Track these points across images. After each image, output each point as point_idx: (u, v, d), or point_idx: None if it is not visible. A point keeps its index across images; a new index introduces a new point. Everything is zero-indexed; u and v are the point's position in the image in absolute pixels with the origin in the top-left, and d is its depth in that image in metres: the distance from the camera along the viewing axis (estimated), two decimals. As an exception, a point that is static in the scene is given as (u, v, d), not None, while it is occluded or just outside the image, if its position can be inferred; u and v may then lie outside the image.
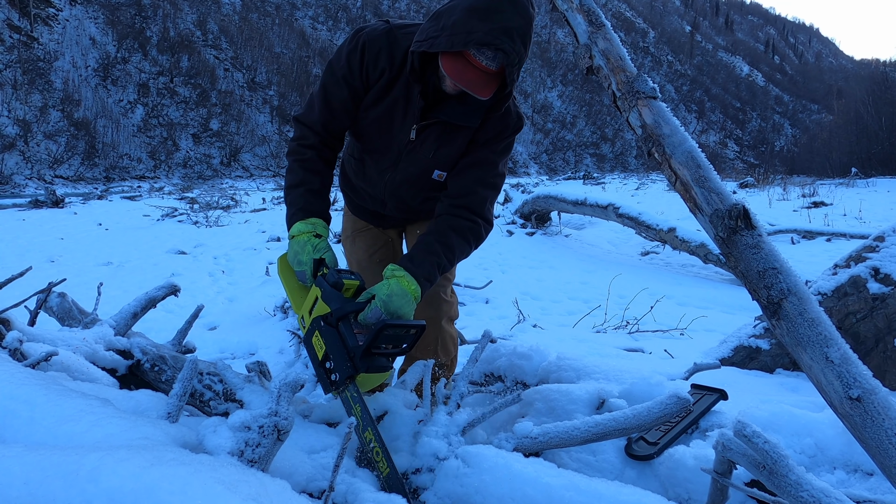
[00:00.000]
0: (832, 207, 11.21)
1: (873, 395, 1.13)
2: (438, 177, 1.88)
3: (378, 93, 1.80)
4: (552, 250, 7.95)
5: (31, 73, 33.59)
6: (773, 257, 1.26)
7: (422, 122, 1.79)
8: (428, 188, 1.94)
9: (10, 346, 1.72)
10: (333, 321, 1.56)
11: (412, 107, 1.78)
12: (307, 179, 1.80)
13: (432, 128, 1.81)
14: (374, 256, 2.17)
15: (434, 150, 1.83)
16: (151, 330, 3.93)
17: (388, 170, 1.92)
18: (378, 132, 1.86)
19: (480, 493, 1.36)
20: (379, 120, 1.84)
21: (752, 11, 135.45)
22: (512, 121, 1.85)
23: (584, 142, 70.45)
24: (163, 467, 0.92)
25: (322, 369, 1.58)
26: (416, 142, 1.82)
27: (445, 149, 1.83)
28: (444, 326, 2.14)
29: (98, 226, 10.92)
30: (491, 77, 1.62)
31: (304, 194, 1.79)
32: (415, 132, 1.80)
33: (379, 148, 1.90)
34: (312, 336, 1.61)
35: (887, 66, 40.58)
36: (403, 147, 1.85)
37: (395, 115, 1.81)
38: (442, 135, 1.82)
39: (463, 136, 1.82)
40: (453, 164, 1.87)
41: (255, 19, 53.17)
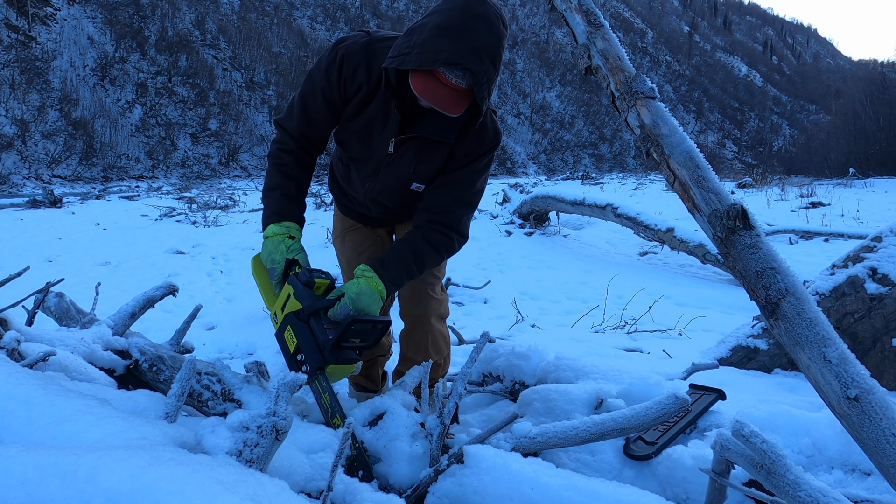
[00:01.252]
0: (830, 208, 11.23)
1: (871, 394, 1.14)
2: (417, 188, 1.91)
3: (357, 106, 1.83)
4: (551, 250, 7.96)
5: (29, 73, 33.53)
6: (771, 257, 1.26)
7: (400, 136, 1.80)
8: (407, 197, 1.96)
9: (8, 346, 1.71)
10: (305, 317, 1.66)
11: (390, 121, 1.80)
12: (283, 184, 1.86)
13: (411, 142, 1.82)
14: (363, 255, 2.18)
15: (414, 164, 1.85)
16: (150, 330, 3.93)
17: (369, 179, 1.94)
18: (359, 143, 1.89)
19: (479, 493, 1.36)
20: (359, 132, 1.86)
21: (750, 12, 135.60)
22: (488, 137, 1.85)
23: (583, 142, 70.48)
24: (161, 467, 0.92)
25: (294, 361, 1.68)
26: (395, 155, 1.84)
27: (424, 164, 1.85)
28: (433, 325, 2.14)
29: (96, 225, 10.90)
30: (461, 94, 1.63)
31: (280, 198, 1.85)
32: (393, 145, 1.82)
33: (361, 157, 1.92)
34: (285, 331, 1.71)
35: (885, 66, 40.68)
36: (383, 159, 1.87)
37: (375, 128, 1.83)
38: (421, 150, 1.83)
39: (441, 151, 1.84)
40: (432, 179, 1.89)
41: (253, 19, 53.13)
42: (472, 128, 1.78)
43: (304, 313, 1.66)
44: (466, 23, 1.55)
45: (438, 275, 2.14)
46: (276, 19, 56.02)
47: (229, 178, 34.58)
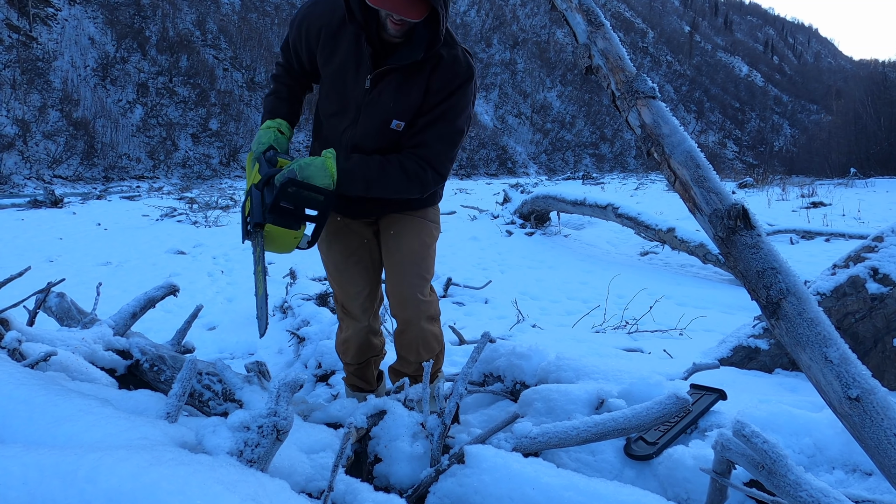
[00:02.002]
0: (831, 207, 11.22)
1: (872, 394, 1.14)
2: (397, 126, 1.92)
3: (325, 50, 1.92)
4: (551, 250, 7.96)
5: (30, 73, 33.55)
6: (772, 257, 1.26)
7: (376, 71, 1.84)
8: (387, 141, 1.95)
9: (9, 346, 1.71)
10: (260, 185, 1.85)
11: (363, 57, 1.85)
12: (278, 90, 2.10)
13: (389, 77, 1.86)
14: (351, 258, 2.16)
15: (393, 99, 1.88)
16: (150, 330, 3.93)
17: (350, 127, 1.96)
18: (336, 91, 1.95)
19: (480, 493, 1.36)
20: (334, 77, 1.94)
21: (751, 12, 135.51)
22: (461, 68, 1.88)
23: (584, 142, 70.45)
24: (162, 467, 0.92)
25: (244, 223, 1.89)
26: (374, 92, 1.88)
27: (403, 98, 1.88)
28: (423, 326, 2.12)
29: (97, 226, 10.91)
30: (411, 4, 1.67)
31: (274, 101, 2.09)
32: (370, 81, 1.86)
33: (339, 108, 1.97)
34: (245, 200, 1.90)
35: (886, 66, 40.62)
36: (361, 99, 1.90)
37: (348, 70, 1.89)
38: (398, 84, 1.86)
39: (418, 83, 1.87)
40: (412, 115, 1.90)
41: (254, 19, 53.15)
42: (437, 46, 1.81)
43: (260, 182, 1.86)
44: None
45: (426, 276, 2.13)
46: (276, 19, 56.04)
47: (230, 179, 34.59)
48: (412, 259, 2.07)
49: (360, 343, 2.28)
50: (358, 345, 2.28)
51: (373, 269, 2.20)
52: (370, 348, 2.32)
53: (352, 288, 2.18)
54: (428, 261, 2.12)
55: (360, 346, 2.28)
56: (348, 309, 2.23)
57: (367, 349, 2.31)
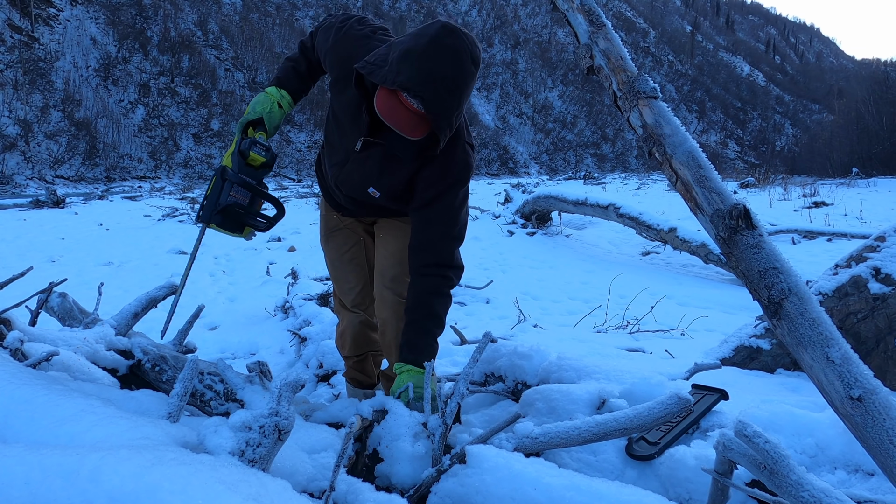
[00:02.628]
0: (833, 207, 11.20)
1: (874, 395, 1.13)
2: (373, 193, 1.94)
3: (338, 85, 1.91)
4: (553, 250, 7.95)
5: (32, 74, 33.60)
6: (773, 257, 1.26)
7: (368, 138, 1.84)
8: (365, 197, 1.98)
9: (12, 346, 1.72)
10: (224, 176, 1.90)
11: (361, 118, 1.84)
12: (299, 60, 2.08)
13: (377, 148, 1.86)
14: (346, 255, 2.24)
15: (376, 171, 1.89)
16: (152, 330, 3.93)
17: (338, 166, 2.00)
18: (335, 125, 1.97)
19: (481, 493, 1.36)
20: (337, 112, 1.94)
21: (752, 11, 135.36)
22: (456, 168, 1.84)
23: (585, 142, 70.41)
24: (163, 467, 0.92)
25: (201, 203, 1.97)
26: (362, 155, 1.89)
27: (386, 176, 1.89)
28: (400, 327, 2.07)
29: (99, 226, 10.93)
30: (421, 119, 1.64)
31: (290, 69, 2.07)
32: (360, 144, 1.87)
33: (335, 143, 1.99)
34: (214, 176, 1.95)
35: (888, 65, 40.57)
36: (351, 153, 1.92)
37: (348, 118, 1.89)
38: (384, 160, 1.86)
39: (404, 170, 1.85)
40: (390, 193, 1.92)
41: (255, 19, 53.19)
42: (432, 152, 1.78)
43: (226, 173, 1.90)
44: (431, 51, 1.56)
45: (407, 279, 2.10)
46: (277, 20, 56.07)
47: (231, 179, 34.64)
48: (393, 263, 2.08)
49: (355, 334, 2.32)
50: (353, 336, 2.32)
51: (368, 267, 2.25)
52: (367, 341, 2.35)
53: (345, 284, 2.27)
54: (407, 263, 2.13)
55: (356, 336, 2.32)
56: (343, 302, 2.32)
57: (363, 342, 2.35)
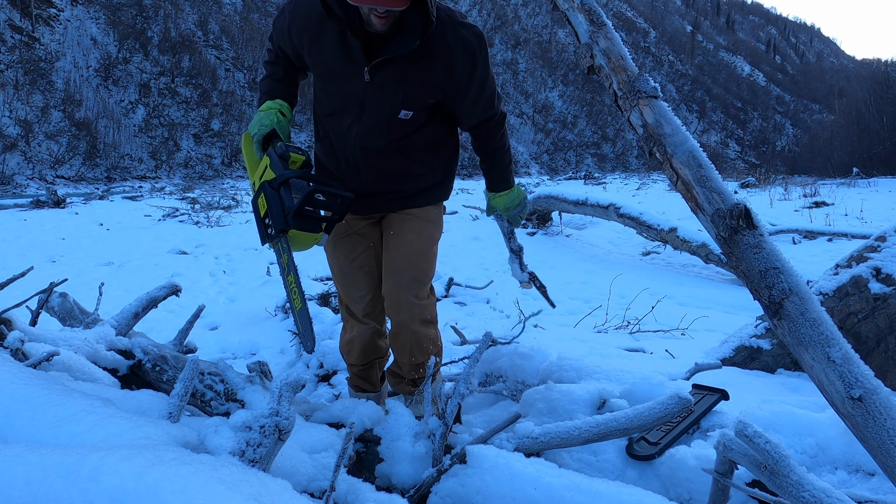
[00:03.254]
0: (833, 207, 11.19)
1: (875, 395, 1.13)
2: (405, 116, 1.89)
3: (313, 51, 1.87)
4: (553, 250, 7.95)
5: (33, 74, 33.61)
6: (774, 257, 1.26)
7: (372, 63, 1.79)
8: (396, 132, 1.93)
9: (12, 346, 1.72)
10: (276, 185, 1.79)
11: (353, 50, 1.79)
12: (273, 72, 2.03)
13: (387, 68, 1.81)
14: (355, 262, 2.15)
15: (398, 90, 1.84)
16: (153, 330, 3.94)
17: (354, 124, 1.92)
18: (332, 87, 1.91)
19: (482, 493, 1.36)
20: (327, 75, 1.90)
21: (753, 11, 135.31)
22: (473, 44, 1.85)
23: (585, 142, 70.40)
24: (164, 467, 0.92)
25: (262, 225, 1.84)
26: (374, 84, 1.84)
27: (407, 86, 1.84)
28: (415, 329, 2.09)
29: (99, 226, 10.93)
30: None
31: (271, 82, 2.02)
32: (368, 74, 1.81)
33: (339, 106, 1.93)
34: (258, 197, 1.85)
35: (889, 65, 40.53)
36: (363, 93, 1.86)
37: (340, 66, 1.84)
38: (400, 74, 1.82)
39: (423, 68, 1.82)
40: (421, 101, 1.88)
41: (255, 19, 53.20)
42: (432, 29, 1.75)
43: (275, 182, 1.79)
44: None
45: (422, 279, 2.08)
46: (278, 20, 56.08)
47: (232, 179, 34.64)
48: (408, 261, 2.03)
49: (365, 345, 2.26)
50: (362, 346, 2.26)
51: (377, 274, 2.17)
52: (375, 350, 2.29)
53: (355, 292, 2.17)
54: (425, 263, 2.08)
55: (365, 347, 2.26)
56: (352, 311, 2.23)
57: (371, 351, 2.28)
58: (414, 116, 1.90)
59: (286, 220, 1.76)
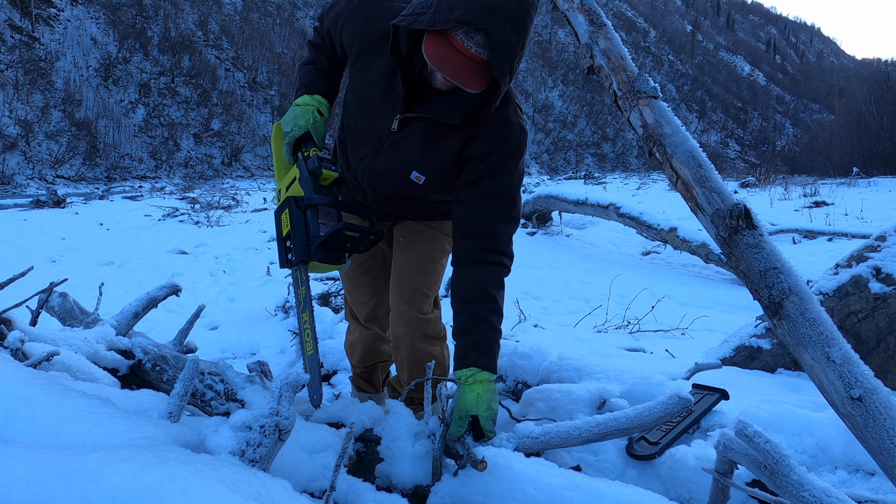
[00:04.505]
0: (834, 207, 11.19)
1: (875, 394, 1.13)
2: (416, 179, 1.72)
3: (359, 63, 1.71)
4: (553, 250, 7.95)
5: (33, 74, 33.61)
6: (774, 257, 1.26)
7: (405, 115, 1.63)
8: (405, 189, 1.78)
9: (12, 346, 1.72)
10: (303, 206, 1.67)
11: (394, 93, 1.63)
12: (318, 59, 1.87)
13: (417, 124, 1.65)
14: (361, 268, 2.07)
15: (419, 150, 1.68)
16: (153, 330, 3.94)
17: (369, 157, 1.77)
18: (360, 110, 1.75)
19: (482, 492, 1.36)
20: (362, 94, 1.73)
21: (753, 11, 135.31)
22: (513, 132, 1.63)
23: (585, 141, 70.40)
24: (164, 467, 0.92)
25: (282, 245, 1.73)
26: (400, 135, 1.68)
27: (430, 153, 1.67)
28: (416, 345, 1.98)
29: (99, 226, 10.93)
30: (480, 67, 1.44)
31: (311, 71, 1.86)
32: (397, 123, 1.66)
33: (362, 129, 1.77)
34: (283, 212, 1.73)
35: (889, 65, 40.56)
36: (386, 137, 1.70)
37: (377, 96, 1.68)
38: (427, 135, 1.65)
39: (451, 142, 1.65)
40: (435, 173, 1.71)
41: (255, 19, 53.19)
42: (485, 114, 1.57)
43: (303, 202, 1.67)
44: None
45: (428, 292, 1.97)
46: (278, 20, 56.07)
47: (232, 179, 34.65)
48: (415, 272, 1.94)
49: (366, 348, 2.23)
50: (364, 349, 2.24)
51: (384, 281, 2.10)
52: (377, 353, 2.27)
53: (359, 297, 2.13)
54: (432, 276, 1.98)
55: (366, 351, 2.24)
56: (355, 314, 2.20)
57: (373, 354, 2.26)
58: (426, 182, 1.73)
59: (309, 251, 1.63)
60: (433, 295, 2.02)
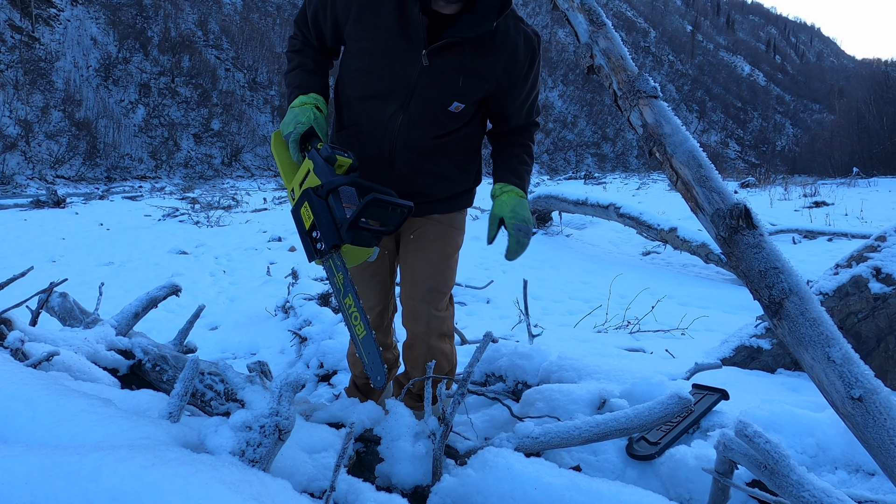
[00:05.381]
0: (833, 207, 11.19)
1: (875, 394, 1.13)
2: (456, 108, 1.74)
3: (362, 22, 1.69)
4: (553, 250, 7.95)
5: (33, 74, 33.62)
6: (774, 257, 1.26)
7: (432, 45, 1.64)
8: (443, 126, 1.78)
9: (12, 346, 1.72)
10: (323, 193, 1.61)
11: (414, 29, 1.63)
12: (303, 62, 1.84)
13: (448, 52, 1.66)
14: (367, 271, 2.00)
15: (458, 77, 1.69)
16: (153, 330, 3.94)
17: (399, 112, 1.74)
18: (379, 67, 1.72)
19: (482, 492, 1.36)
20: (376, 52, 1.70)
21: (753, 11, 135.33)
22: (533, 41, 1.78)
23: (585, 141, 70.40)
24: (164, 467, 0.92)
25: (308, 238, 1.65)
26: (433, 69, 1.67)
27: (466, 75, 1.70)
28: (432, 344, 1.99)
29: (99, 226, 10.93)
30: None
31: (301, 73, 1.82)
32: (427, 57, 1.65)
33: (384, 90, 1.74)
34: (301, 207, 1.66)
35: (889, 65, 40.56)
36: (415, 78, 1.68)
37: (395, 44, 1.67)
38: (460, 60, 1.68)
39: (487, 59, 1.70)
40: (474, 95, 1.75)
41: (256, 19, 53.19)
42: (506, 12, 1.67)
43: (322, 190, 1.60)
44: None
45: (444, 290, 1.96)
46: (278, 20, 56.07)
47: (232, 179, 34.67)
48: (430, 270, 1.91)
49: None
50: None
51: (390, 285, 2.07)
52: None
53: (364, 302, 2.04)
54: (447, 273, 1.96)
55: None
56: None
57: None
58: (464, 110, 1.76)
59: (339, 234, 1.57)
60: (448, 292, 2.01)
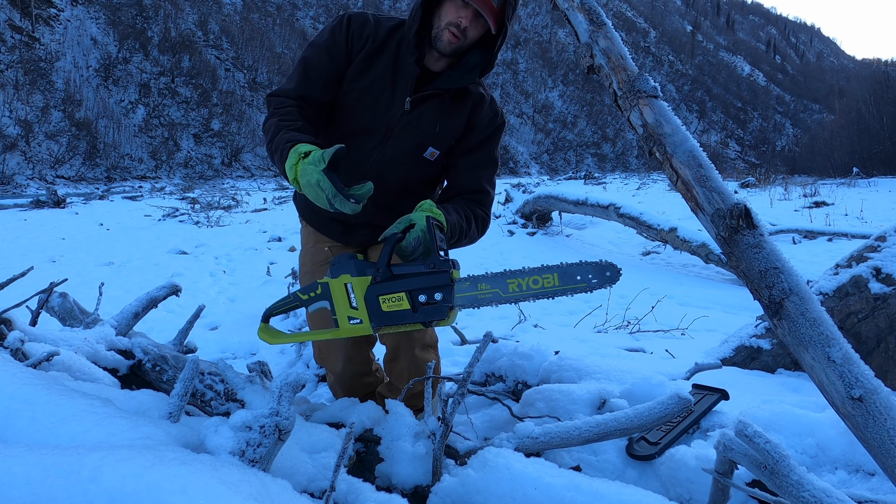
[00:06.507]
0: (834, 207, 11.20)
1: (875, 395, 1.13)
2: (430, 155, 1.87)
3: (362, 63, 1.81)
4: (553, 250, 7.95)
5: (33, 74, 33.62)
6: (774, 257, 1.26)
7: (417, 94, 1.80)
8: (415, 169, 1.88)
9: (12, 346, 1.72)
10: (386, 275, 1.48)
11: (403, 78, 1.79)
12: (283, 124, 1.66)
13: (431, 101, 1.82)
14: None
15: (435, 124, 1.83)
16: (153, 330, 3.94)
17: (375, 149, 1.84)
18: (364, 107, 1.83)
19: (482, 492, 1.36)
20: (364, 93, 1.82)
21: (753, 11, 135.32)
22: (498, 111, 1.94)
23: (585, 141, 70.42)
24: (164, 467, 0.92)
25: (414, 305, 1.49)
26: (413, 114, 1.82)
27: (446, 125, 1.84)
28: (416, 354, 1.99)
29: (99, 226, 10.93)
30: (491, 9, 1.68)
31: (287, 131, 1.62)
32: (409, 104, 1.80)
33: (363, 127, 1.84)
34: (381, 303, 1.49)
35: (889, 65, 40.57)
36: (396, 121, 1.82)
37: (383, 89, 1.81)
38: (442, 110, 1.83)
39: (461, 113, 1.85)
40: (449, 145, 1.88)
41: (256, 19, 53.20)
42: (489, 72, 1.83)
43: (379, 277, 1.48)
44: None
45: None
46: (278, 20, 56.08)
47: (232, 179, 34.67)
48: None
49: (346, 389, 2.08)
50: (345, 390, 2.08)
51: None
52: (361, 387, 2.11)
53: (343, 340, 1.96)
54: None
55: (348, 391, 2.07)
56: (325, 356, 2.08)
57: (357, 390, 2.10)
58: (438, 157, 1.88)
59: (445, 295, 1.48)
60: None
